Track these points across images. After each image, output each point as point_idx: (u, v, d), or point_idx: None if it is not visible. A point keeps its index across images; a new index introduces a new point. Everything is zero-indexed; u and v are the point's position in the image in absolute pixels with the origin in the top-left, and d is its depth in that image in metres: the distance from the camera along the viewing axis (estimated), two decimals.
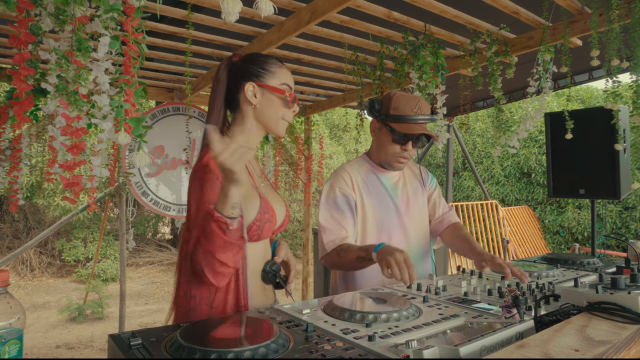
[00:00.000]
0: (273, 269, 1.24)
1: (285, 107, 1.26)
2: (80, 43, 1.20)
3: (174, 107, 3.57)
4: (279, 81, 1.26)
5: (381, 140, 1.61)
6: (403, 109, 1.54)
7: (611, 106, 1.92)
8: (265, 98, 1.25)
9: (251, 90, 1.24)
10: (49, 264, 7.54)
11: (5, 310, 0.83)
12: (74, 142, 1.24)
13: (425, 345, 0.74)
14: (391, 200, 1.64)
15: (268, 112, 1.25)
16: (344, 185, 1.59)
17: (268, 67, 1.26)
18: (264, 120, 1.26)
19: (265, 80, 1.25)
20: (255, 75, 1.25)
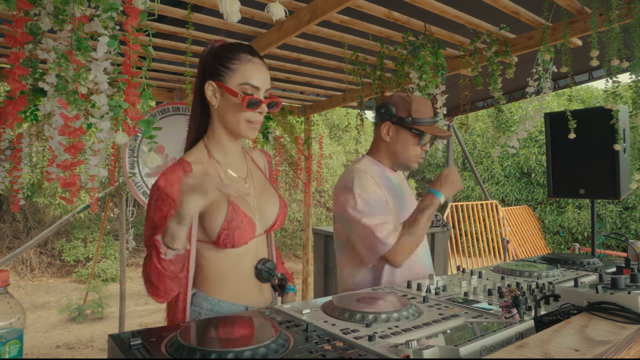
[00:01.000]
0: (266, 266, 1.22)
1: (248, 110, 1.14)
2: (80, 42, 1.20)
3: (174, 107, 3.57)
4: (239, 80, 1.13)
5: (401, 143, 1.60)
6: (424, 112, 1.57)
7: (611, 106, 1.92)
8: (225, 99, 1.15)
9: (211, 90, 1.16)
10: (49, 264, 7.54)
11: (5, 310, 0.83)
12: (71, 142, 1.24)
13: (425, 345, 0.74)
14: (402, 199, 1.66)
15: (227, 115, 1.16)
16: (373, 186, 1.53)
17: (229, 63, 1.14)
18: (226, 123, 1.18)
19: (223, 79, 1.14)
20: (216, 74, 1.15)
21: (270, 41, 2.26)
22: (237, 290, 1.19)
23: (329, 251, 4.15)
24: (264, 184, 1.30)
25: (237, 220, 1.13)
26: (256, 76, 1.14)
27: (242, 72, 1.13)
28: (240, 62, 1.14)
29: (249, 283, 1.21)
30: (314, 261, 4.48)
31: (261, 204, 1.25)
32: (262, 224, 1.24)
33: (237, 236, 1.13)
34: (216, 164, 1.19)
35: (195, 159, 1.18)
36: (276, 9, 1.12)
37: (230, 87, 1.13)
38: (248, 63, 1.14)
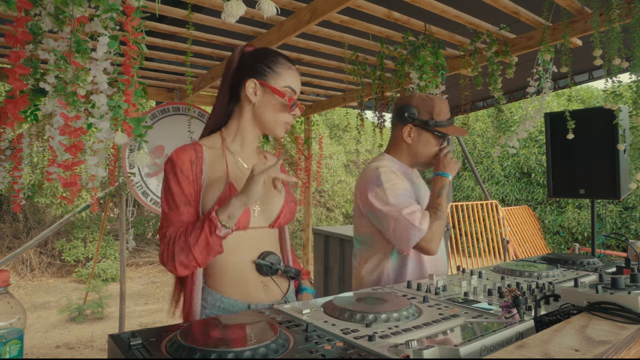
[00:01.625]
0: (267, 259, 1.22)
1: (285, 110, 1.24)
2: (79, 44, 1.20)
3: (174, 107, 3.57)
4: (282, 83, 1.23)
5: (423, 145, 1.64)
6: (444, 114, 1.62)
7: (611, 106, 1.92)
8: (266, 98, 1.23)
9: (252, 87, 1.23)
10: (49, 264, 7.54)
11: (5, 310, 0.83)
12: (72, 141, 1.24)
13: (425, 345, 0.74)
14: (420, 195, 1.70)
15: (266, 113, 1.24)
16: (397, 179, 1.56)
17: (275, 66, 1.23)
18: (262, 120, 1.25)
19: (268, 79, 1.22)
20: (259, 73, 1.23)
21: (270, 41, 2.26)
22: (239, 286, 1.20)
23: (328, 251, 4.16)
24: None
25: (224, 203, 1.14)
26: (296, 82, 1.26)
27: (285, 76, 1.24)
28: (283, 66, 1.24)
29: (250, 279, 1.21)
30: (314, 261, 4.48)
31: (264, 197, 1.26)
32: (265, 217, 1.26)
33: None
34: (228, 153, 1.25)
35: (208, 143, 1.25)
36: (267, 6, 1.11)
37: (276, 87, 1.22)
38: (290, 69, 1.25)
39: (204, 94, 3.71)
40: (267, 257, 1.23)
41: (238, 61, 1.27)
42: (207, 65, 2.92)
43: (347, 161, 9.88)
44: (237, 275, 1.20)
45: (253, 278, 1.21)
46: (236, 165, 1.25)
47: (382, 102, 2.77)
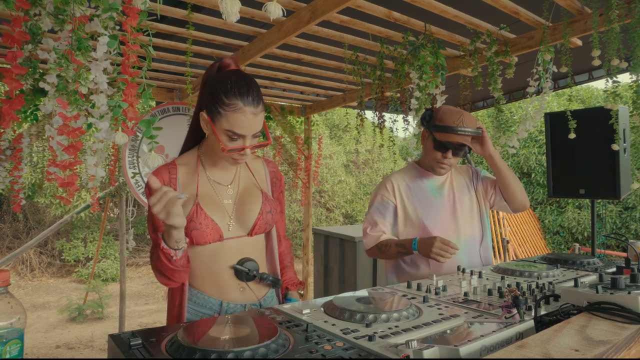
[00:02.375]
0: (244, 266, 1.27)
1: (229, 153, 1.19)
2: (80, 42, 1.20)
3: (174, 107, 3.57)
4: (225, 126, 1.15)
5: (427, 148, 1.82)
6: (446, 121, 1.71)
7: (611, 106, 1.92)
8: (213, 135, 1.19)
9: (203, 120, 1.20)
10: (49, 264, 7.54)
11: (6, 310, 0.83)
12: (70, 141, 1.24)
13: (425, 345, 0.74)
14: (434, 200, 1.82)
15: (215, 146, 1.22)
16: (385, 192, 1.83)
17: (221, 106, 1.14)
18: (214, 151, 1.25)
19: (213, 117, 1.16)
20: (209, 108, 1.17)
21: (270, 41, 2.26)
22: (214, 286, 1.28)
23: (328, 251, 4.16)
24: (250, 190, 1.34)
25: (196, 221, 1.20)
26: (242, 125, 1.15)
27: (230, 118, 1.14)
28: (230, 108, 1.14)
29: (226, 281, 1.27)
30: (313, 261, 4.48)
31: (240, 208, 1.30)
32: (242, 227, 1.30)
33: (195, 236, 1.21)
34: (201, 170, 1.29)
35: (184, 161, 1.30)
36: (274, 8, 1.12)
37: (218, 130, 1.16)
38: (235, 112, 1.14)
39: None
40: (245, 264, 1.28)
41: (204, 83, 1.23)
42: (207, 65, 2.92)
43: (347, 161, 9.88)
44: (213, 278, 1.27)
45: (230, 280, 1.28)
46: (208, 182, 1.28)
47: (382, 102, 2.77)
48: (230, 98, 1.13)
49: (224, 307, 1.27)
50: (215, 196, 1.27)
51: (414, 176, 1.86)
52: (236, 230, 1.28)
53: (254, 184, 1.37)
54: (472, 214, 1.86)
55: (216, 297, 1.27)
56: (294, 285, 1.44)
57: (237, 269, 1.27)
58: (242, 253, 1.29)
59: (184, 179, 1.26)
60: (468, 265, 1.75)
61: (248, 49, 2.49)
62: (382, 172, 10.21)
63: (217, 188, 1.29)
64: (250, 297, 1.30)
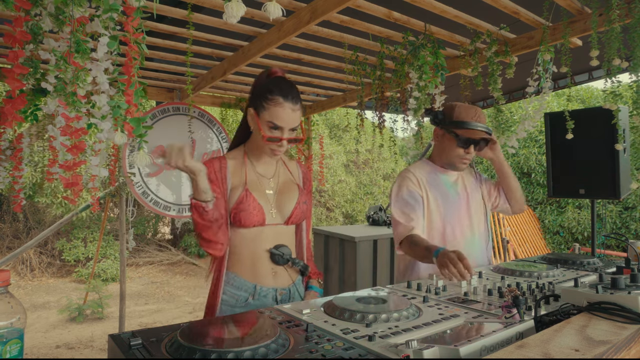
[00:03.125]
0: (279, 250, 1.42)
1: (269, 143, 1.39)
2: (79, 44, 1.20)
3: (174, 107, 3.57)
4: (267, 118, 1.36)
5: (445, 145, 1.83)
6: (465, 117, 1.77)
7: (610, 106, 1.92)
8: (256, 127, 1.40)
9: (250, 115, 1.42)
10: (49, 264, 7.53)
11: (6, 310, 0.83)
12: (73, 142, 1.24)
13: (425, 345, 0.74)
14: (453, 197, 1.83)
15: (258, 139, 1.41)
16: (410, 183, 1.80)
17: (265, 101, 1.36)
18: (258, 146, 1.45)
19: (258, 112, 1.38)
20: (255, 104, 1.39)
21: (270, 41, 2.26)
22: (250, 269, 1.42)
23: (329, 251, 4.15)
24: (288, 184, 1.53)
25: (245, 203, 1.38)
26: (282, 116, 1.35)
27: (271, 111, 1.35)
28: (272, 102, 1.35)
29: (262, 265, 1.43)
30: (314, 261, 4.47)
31: (280, 199, 1.48)
32: (281, 215, 1.47)
33: (243, 217, 1.38)
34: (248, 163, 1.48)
35: (233, 155, 1.49)
36: (273, 8, 1.12)
37: (261, 121, 1.37)
38: (276, 106, 1.35)
39: (204, 94, 3.71)
40: (280, 248, 1.44)
41: (254, 86, 1.45)
42: (207, 65, 2.92)
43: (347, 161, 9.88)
44: (251, 261, 1.43)
45: (264, 265, 1.43)
46: (254, 173, 1.48)
47: (382, 102, 2.77)
48: (273, 94, 1.35)
49: (257, 290, 1.41)
50: (260, 186, 1.46)
51: (430, 171, 1.87)
52: (276, 218, 1.46)
53: (291, 179, 1.56)
54: (482, 213, 1.90)
55: (251, 280, 1.42)
56: (314, 275, 1.58)
57: (273, 253, 1.42)
58: (278, 240, 1.45)
59: (232, 169, 1.44)
60: (479, 264, 1.79)
61: (248, 49, 2.49)
62: (382, 172, 10.21)
63: (261, 180, 1.47)
64: (281, 282, 1.46)
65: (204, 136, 3.74)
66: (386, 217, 4.41)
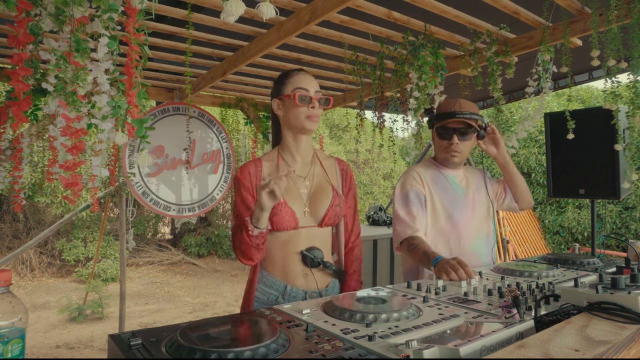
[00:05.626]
0: (311, 253, 1.43)
1: (302, 106, 1.43)
2: (79, 44, 1.20)
3: (174, 107, 3.57)
4: (291, 88, 1.44)
5: (434, 142, 1.86)
6: (443, 109, 1.77)
7: (609, 106, 1.92)
8: (286, 106, 1.46)
9: (276, 104, 1.50)
10: (49, 264, 7.53)
11: (7, 310, 0.83)
12: (73, 142, 1.24)
13: (425, 345, 0.74)
14: (458, 196, 1.81)
15: (290, 116, 1.46)
16: (414, 182, 1.78)
17: (285, 79, 1.47)
18: (290, 123, 1.48)
19: (281, 92, 1.47)
20: (276, 92, 1.50)
21: (270, 41, 2.26)
22: (282, 270, 1.46)
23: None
24: (323, 185, 1.54)
25: (277, 208, 1.39)
26: (304, 81, 1.46)
27: (293, 81, 1.46)
28: (291, 75, 1.48)
29: (293, 266, 1.45)
30: None
31: (313, 200, 1.49)
32: (314, 217, 1.48)
33: (275, 221, 1.40)
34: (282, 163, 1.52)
35: (267, 158, 1.54)
36: (266, 9, 1.12)
37: (288, 97, 1.45)
38: (296, 75, 1.47)
39: (204, 94, 3.71)
40: (311, 251, 1.44)
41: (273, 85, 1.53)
42: (207, 65, 2.92)
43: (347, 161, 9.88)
44: (283, 262, 1.46)
45: (296, 267, 1.45)
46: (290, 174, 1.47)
47: (382, 102, 2.77)
48: (291, 72, 1.50)
49: (288, 290, 1.44)
50: (294, 187, 1.47)
51: (434, 170, 1.86)
52: (309, 220, 1.47)
53: (326, 179, 1.55)
54: (487, 214, 1.89)
55: (282, 280, 1.45)
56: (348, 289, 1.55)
57: (304, 255, 1.44)
58: (311, 242, 1.46)
59: (267, 173, 1.49)
60: (483, 264, 1.79)
61: (248, 49, 2.49)
62: (382, 171, 10.21)
63: (296, 179, 1.50)
64: (312, 284, 1.46)
65: (204, 136, 3.74)
66: (386, 217, 4.40)
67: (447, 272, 1.38)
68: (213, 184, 3.78)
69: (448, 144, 1.77)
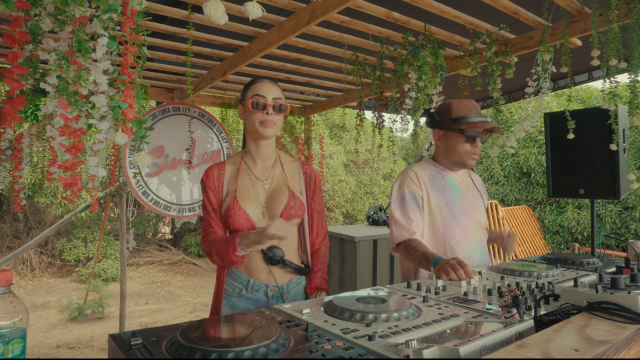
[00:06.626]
0: (271, 252, 1.48)
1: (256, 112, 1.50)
2: (81, 44, 1.20)
3: (174, 107, 3.57)
4: (250, 94, 1.52)
5: (450, 144, 1.79)
6: (465, 112, 1.74)
7: (608, 106, 1.92)
8: (245, 112, 1.55)
9: (240, 109, 1.58)
10: (49, 264, 7.53)
11: (8, 310, 0.83)
12: (72, 142, 1.24)
13: (425, 345, 0.75)
14: (456, 197, 1.80)
15: (248, 122, 1.55)
16: (411, 183, 1.77)
17: (246, 87, 1.55)
18: (248, 129, 1.57)
19: (243, 98, 1.55)
20: (240, 99, 1.58)
21: (270, 41, 2.26)
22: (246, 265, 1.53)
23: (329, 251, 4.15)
24: (280, 187, 1.59)
25: (232, 210, 1.49)
26: (261, 88, 1.52)
27: (253, 89, 1.53)
28: (253, 84, 1.55)
29: (256, 263, 1.52)
30: None
31: (270, 202, 1.55)
32: (271, 218, 1.52)
33: (231, 223, 1.49)
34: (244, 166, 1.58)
35: (231, 162, 1.61)
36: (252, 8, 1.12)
37: (246, 103, 1.52)
38: (258, 82, 1.54)
39: (204, 94, 3.71)
40: (271, 250, 1.48)
41: None
42: (208, 65, 2.93)
43: (347, 161, 9.88)
44: (248, 258, 1.50)
45: (258, 263, 1.52)
46: (248, 179, 1.57)
47: (382, 102, 2.77)
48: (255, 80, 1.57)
49: (251, 283, 1.52)
50: (252, 191, 1.55)
51: (433, 171, 1.83)
52: (267, 220, 1.52)
53: (284, 182, 1.60)
54: (481, 217, 1.88)
55: (246, 274, 1.53)
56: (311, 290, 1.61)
57: (264, 253, 1.50)
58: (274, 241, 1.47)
59: (230, 176, 1.57)
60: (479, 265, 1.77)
61: (248, 49, 2.50)
62: (382, 171, 10.21)
63: (255, 183, 1.56)
64: (274, 279, 1.53)
65: (204, 136, 3.74)
66: (386, 216, 4.41)
67: (446, 272, 1.38)
68: None
69: (472, 147, 1.75)
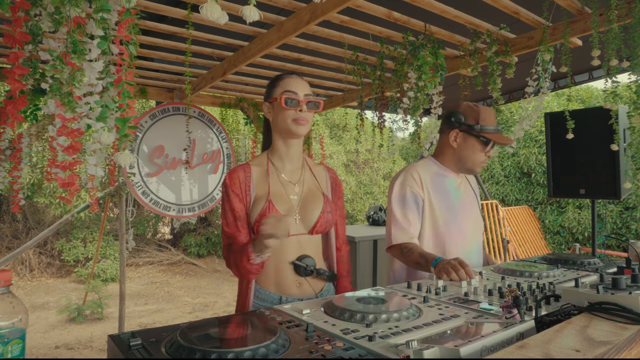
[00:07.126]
0: (302, 262, 1.41)
1: (289, 109, 1.41)
2: (75, 45, 1.20)
3: (174, 107, 3.57)
4: (280, 91, 1.42)
5: (468, 149, 1.74)
6: (491, 121, 1.71)
7: (610, 106, 1.92)
8: (275, 109, 1.45)
9: (266, 108, 1.49)
10: (48, 264, 7.53)
11: (8, 310, 0.83)
12: (70, 142, 1.23)
13: (426, 346, 0.74)
14: (455, 200, 1.79)
15: (278, 120, 1.44)
16: (413, 184, 1.74)
17: (274, 83, 1.46)
18: (278, 127, 1.46)
19: (271, 95, 1.46)
20: (267, 95, 1.49)
21: (270, 41, 2.26)
22: (275, 281, 1.42)
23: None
24: (313, 191, 1.51)
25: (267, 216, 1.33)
26: (293, 84, 1.43)
27: (282, 85, 1.44)
28: (280, 79, 1.46)
29: (286, 276, 1.42)
30: None
31: (303, 207, 1.46)
32: (304, 225, 1.45)
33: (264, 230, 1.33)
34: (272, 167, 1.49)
35: (257, 163, 1.50)
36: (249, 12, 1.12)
37: (276, 100, 1.43)
38: (285, 78, 1.45)
39: (204, 94, 3.71)
40: (303, 260, 1.42)
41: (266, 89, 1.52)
42: (207, 65, 2.92)
43: (347, 161, 9.88)
44: (275, 273, 1.42)
45: (289, 276, 1.42)
46: (279, 181, 1.47)
47: (382, 102, 2.77)
48: (282, 75, 1.48)
49: (283, 301, 1.41)
50: (284, 194, 1.45)
51: (435, 172, 1.81)
52: (299, 227, 1.44)
53: (317, 186, 1.53)
54: (479, 220, 1.88)
55: (276, 292, 1.42)
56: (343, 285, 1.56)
57: (296, 265, 1.41)
58: (301, 250, 1.44)
59: (257, 178, 1.46)
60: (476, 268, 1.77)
61: (248, 49, 2.49)
62: (382, 171, 10.21)
63: (286, 186, 1.47)
64: (307, 291, 1.44)
65: (204, 136, 3.74)
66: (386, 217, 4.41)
67: (447, 272, 1.38)
68: (213, 184, 3.78)
69: (486, 156, 1.74)
